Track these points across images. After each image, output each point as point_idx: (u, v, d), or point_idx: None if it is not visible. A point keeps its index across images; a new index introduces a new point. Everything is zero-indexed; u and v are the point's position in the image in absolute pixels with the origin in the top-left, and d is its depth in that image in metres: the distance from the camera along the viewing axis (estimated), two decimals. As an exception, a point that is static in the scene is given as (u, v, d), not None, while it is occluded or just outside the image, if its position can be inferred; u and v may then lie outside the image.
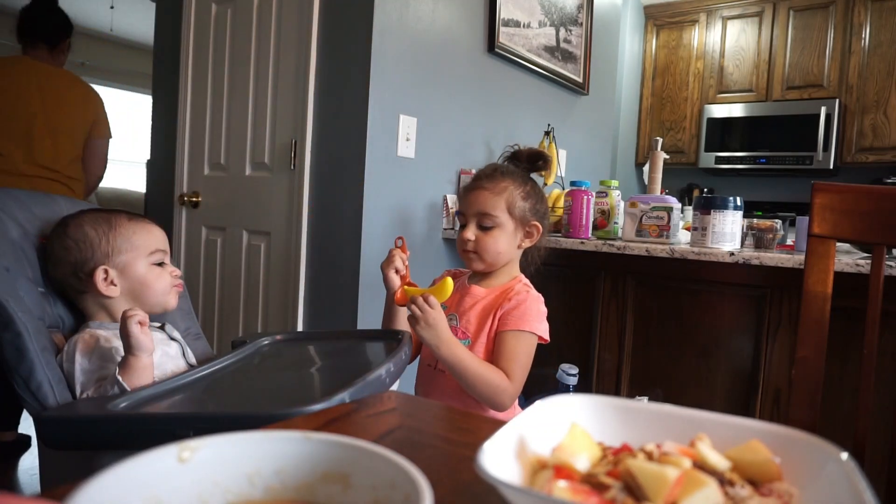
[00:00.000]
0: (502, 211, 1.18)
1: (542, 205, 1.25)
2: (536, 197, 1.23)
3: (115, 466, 0.29)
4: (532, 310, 1.15)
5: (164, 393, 0.80)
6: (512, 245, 1.21)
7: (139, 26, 5.37)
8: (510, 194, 1.18)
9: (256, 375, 0.93)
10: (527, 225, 1.21)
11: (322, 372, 0.98)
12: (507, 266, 1.23)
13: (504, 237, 1.19)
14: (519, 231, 1.21)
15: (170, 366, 0.96)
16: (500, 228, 1.18)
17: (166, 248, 1.03)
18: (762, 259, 1.51)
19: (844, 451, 0.37)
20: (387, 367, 0.85)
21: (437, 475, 0.41)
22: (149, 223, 1.01)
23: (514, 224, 1.20)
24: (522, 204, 1.19)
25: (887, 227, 0.84)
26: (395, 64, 1.93)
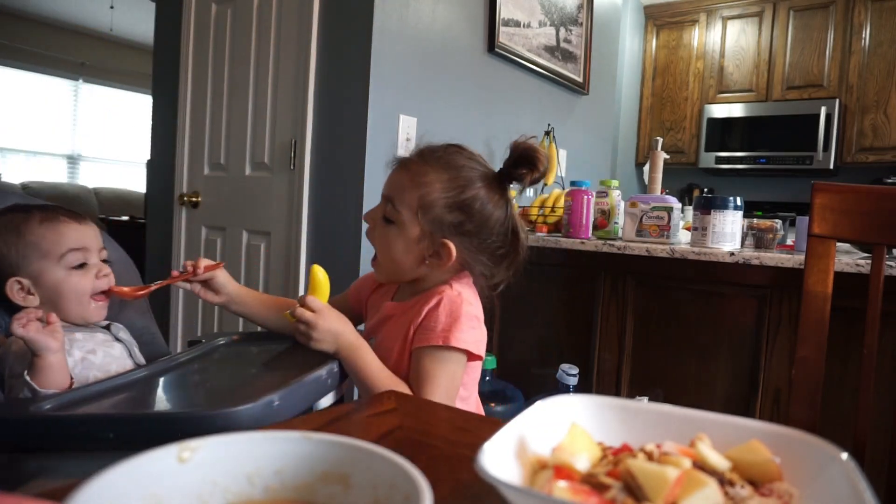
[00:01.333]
0: (409, 210, 0.90)
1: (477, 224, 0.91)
2: (471, 212, 0.90)
3: (115, 466, 0.29)
4: (449, 318, 0.89)
5: (96, 394, 0.76)
6: (410, 256, 0.92)
7: (139, 26, 5.37)
8: (430, 192, 0.89)
9: (199, 375, 0.90)
10: (436, 241, 0.90)
11: (269, 372, 0.93)
12: (420, 282, 0.96)
13: (400, 242, 0.92)
14: (424, 244, 0.91)
15: (114, 367, 0.92)
16: (399, 229, 0.91)
17: (87, 245, 0.93)
18: (762, 259, 1.51)
19: (844, 451, 0.37)
20: (329, 368, 0.84)
21: (437, 475, 0.41)
22: (62, 222, 0.92)
23: (419, 232, 0.90)
24: (441, 213, 0.89)
25: (887, 227, 0.84)
26: (395, 64, 1.93)
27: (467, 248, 0.92)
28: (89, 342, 0.92)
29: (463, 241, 0.91)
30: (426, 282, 0.95)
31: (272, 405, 0.69)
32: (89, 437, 0.65)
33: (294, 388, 0.74)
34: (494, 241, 0.93)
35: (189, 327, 2.35)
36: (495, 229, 0.93)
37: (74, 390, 0.77)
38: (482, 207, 0.91)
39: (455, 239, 0.90)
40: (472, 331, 0.90)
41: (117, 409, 0.74)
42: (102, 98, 5.77)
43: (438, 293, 0.91)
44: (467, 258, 0.92)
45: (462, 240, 0.91)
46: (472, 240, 0.91)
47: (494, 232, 0.93)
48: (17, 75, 5.22)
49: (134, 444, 0.64)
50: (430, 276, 0.95)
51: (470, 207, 0.90)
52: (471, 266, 0.94)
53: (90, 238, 0.95)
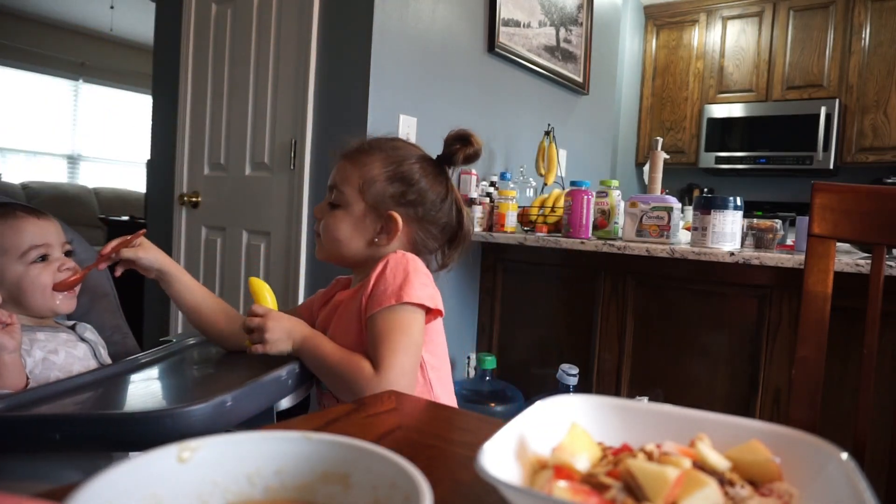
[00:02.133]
0: (352, 188, 0.93)
1: (418, 193, 0.93)
2: (411, 182, 0.93)
3: (115, 466, 0.29)
4: (396, 278, 0.87)
5: (50, 395, 0.75)
6: (358, 235, 0.93)
7: (139, 26, 5.37)
8: (370, 170, 0.93)
9: (159, 376, 0.89)
10: (382, 214, 0.93)
11: (230, 373, 0.92)
12: (370, 264, 0.93)
13: (346, 222, 0.93)
14: (370, 219, 0.93)
15: (77, 367, 0.91)
16: (345, 210, 0.93)
17: (49, 240, 0.92)
18: (762, 259, 1.51)
19: (844, 451, 0.37)
20: (290, 368, 0.83)
21: (437, 475, 0.41)
22: (20, 218, 0.91)
23: (363, 208, 0.93)
24: (383, 187, 0.92)
25: (887, 227, 0.84)
26: (395, 64, 1.93)
27: (412, 219, 0.94)
28: (51, 342, 0.91)
29: (408, 211, 0.93)
30: (374, 264, 0.92)
31: (224, 405, 0.68)
32: (35, 438, 0.64)
33: (249, 389, 0.73)
34: (437, 214, 0.96)
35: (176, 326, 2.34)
36: (437, 203, 0.95)
37: (27, 391, 0.75)
38: (420, 178, 0.94)
39: (399, 210, 0.93)
40: (425, 287, 0.88)
41: (68, 410, 0.72)
42: (102, 98, 5.77)
43: (384, 260, 0.90)
44: (415, 230, 0.95)
45: (406, 210, 0.93)
46: (417, 210, 0.94)
47: (437, 205, 0.96)
48: (17, 75, 5.22)
49: (81, 445, 0.64)
50: (375, 258, 0.92)
51: (409, 178, 0.94)
52: (421, 240, 0.96)
53: (51, 233, 0.94)
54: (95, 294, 1.12)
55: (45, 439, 0.63)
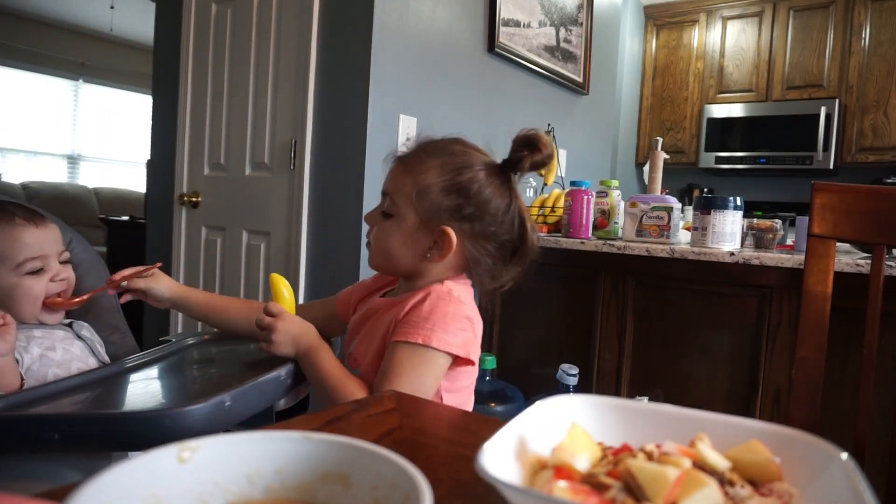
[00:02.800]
0: (405, 198, 0.86)
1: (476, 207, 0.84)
2: (468, 194, 0.84)
3: (115, 466, 0.29)
4: (433, 316, 0.82)
5: (49, 395, 0.75)
6: (409, 249, 0.87)
7: (139, 26, 5.37)
8: (425, 178, 0.85)
9: (158, 376, 0.89)
10: (435, 229, 0.85)
11: (229, 372, 0.92)
12: (418, 278, 0.90)
13: (398, 234, 0.87)
14: (422, 233, 0.86)
15: (75, 364, 0.91)
16: (397, 221, 0.87)
17: (46, 251, 0.92)
18: (762, 259, 1.51)
19: (844, 451, 0.37)
20: (288, 368, 0.84)
21: (437, 475, 0.41)
22: (18, 226, 0.90)
23: (415, 221, 0.85)
24: (438, 198, 0.84)
25: (887, 227, 0.83)
26: (395, 64, 1.93)
27: (468, 235, 0.85)
28: (48, 339, 0.91)
29: (463, 226, 0.85)
30: (422, 278, 0.89)
31: (223, 405, 0.68)
32: (34, 438, 0.64)
33: (248, 389, 0.73)
34: (498, 230, 0.86)
35: (176, 326, 2.35)
36: (498, 216, 0.86)
37: (26, 391, 0.75)
38: (480, 190, 0.85)
39: (454, 224, 0.84)
40: (462, 332, 0.83)
41: (67, 410, 0.72)
42: (102, 98, 5.77)
43: (427, 289, 0.86)
44: (470, 247, 0.86)
45: (462, 225, 0.85)
46: (473, 225, 0.85)
47: (497, 219, 0.86)
48: (17, 75, 5.22)
49: (80, 445, 0.64)
50: (428, 273, 0.88)
51: (467, 189, 0.84)
52: (475, 258, 0.87)
53: (49, 243, 0.93)
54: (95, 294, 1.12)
55: (44, 439, 0.63)
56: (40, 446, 0.63)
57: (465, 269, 0.90)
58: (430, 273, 0.88)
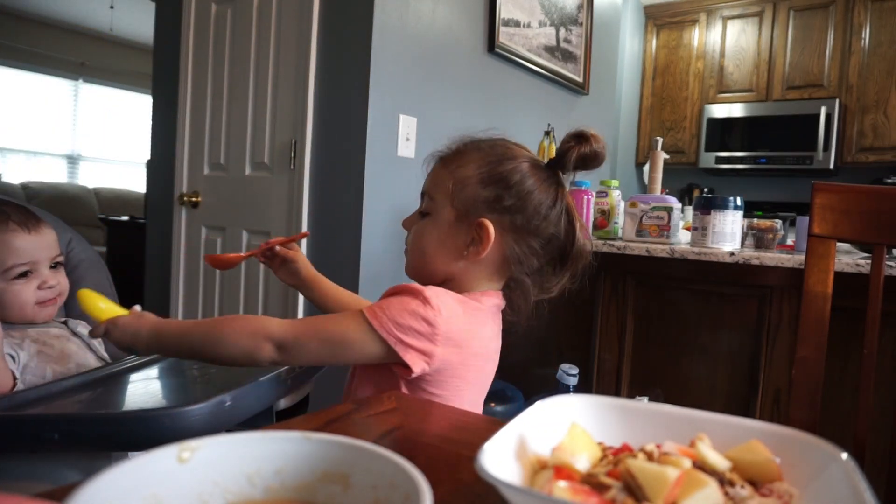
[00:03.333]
0: (443, 194, 0.79)
1: (517, 198, 0.77)
2: (508, 184, 0.77)
3: (115, 466, 0.29)
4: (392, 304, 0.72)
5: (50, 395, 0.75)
6: (445, 247, 0.79)
7: (139, 26, 5.37)
8: (464, 171, 0.78)
9: (160, 375, 0.90)
10: (473, 222, 0.77)
11: (231, 371, 0.91)
12: (447, 286, 0.79)
13: (433, 231, 0.80)
14: (461, 229, 0.78)
15: (73, 360, 0.92)
16: (433, 218, 0.80)
17: (36, 257, 0.92)
18: (762, 259, 1.51)
19: (844, 451, 0.37)
20: (289, 368, 0.83)
21: (437, 475, 0.41)
22: (10, 232, 0.91)
23: (452, 215, 0.78)
24: (476, 190, 0.77)
25: (887, 227, 0.83)
26: (395, 64, 1.93)
27: (508, 228, 0.77)
28: (43, 336, 0.92)
29: (502, 219, 0.77)
30: (451, 285, 0.80)
31: (223, 405, 0.68)
32: (34, 437, 0.64)
33: (248, 389, 0.73)
34: (542, 225, 0.78)
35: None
36: (542, 211, 0.78)
37: (26, 391, 0.75)
38: (522, 180, 0.77)
39: (492, 217, 0.76)
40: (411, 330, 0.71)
41: (67, 410, 0.73)
42: (102, 98, 5.77)
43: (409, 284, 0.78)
44: (511, 243, 0.78)
45: (501, 218, 0.77)
46: (514, 218, 0.77)
47: (541, 214, 0.78)
48: (17, 75, 5.22)
49: (80, 445, 0.64)
50: (464, 278, 0.80)
51: (507, 180, 0.77)
52: (516, 257, 0.78)
53: (40, 249, 0.93)
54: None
55: (44, 439, 0.63)
56: (40, 446, 0.64)
57: (507, 274, 0.81)
58: (466, 278, 0.80)
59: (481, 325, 0.79)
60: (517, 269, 0.80)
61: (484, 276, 0.80)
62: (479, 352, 0.79)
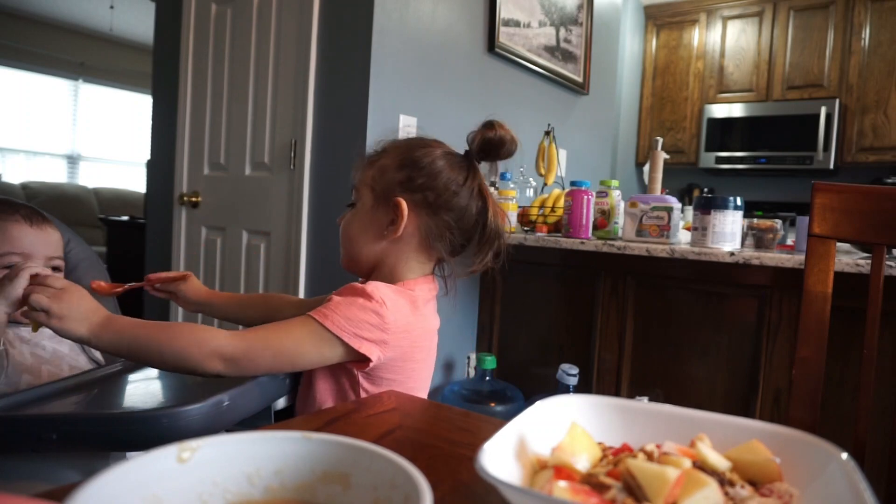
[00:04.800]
0: (366, 185, 0.86)
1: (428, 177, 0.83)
2: (420, 165, 0.83)
3: (115, 466, 0.29)
4: (341, 304, 0.76)
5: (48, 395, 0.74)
6: (368, 231, 0.85)
7: (139, 26, 5.37)
8: (384, 163, 0.86)
9: (159, 375, 0.89)
10: (390, 203, 0.83)
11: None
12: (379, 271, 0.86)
13: (358, 218, 0.86)
14: (380, 211, 0.84)
15: (66, 361, 0.91)
16: (359, 206, 0.87)
17: (31, 251, 0.91)
18: (762, 259, 1.51)
19: (844, 451, 0.37)
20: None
21: (437, 475, 0.41)
22: (11, 222, 0.90)
23: (372, 198, 0.85)
24: (392, 175, 0.84)
25: (887, 227, 0.83)
26: (395, 64, 1.93)
27: (422, 204, 0.83)
28: (36, 337, 0.91)
29: (415, 197, 0.82)
30: (383, 270, 0.86)
31: (222, 405, 0.68)
32: (33, 438, 0.64)
33: (246, 388, 0.73)
34: (453, 200, 0.83)
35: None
36: (451, 187, 0.83)
37: (25, 391, 0.75)
38: (433, 162, 0.83)
39: (406, 196, 0.82)
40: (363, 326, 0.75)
41: (65, 409, 0.72)
42: (102, 98, 5.77)
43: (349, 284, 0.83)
44: (427, 219, 0.83)
45: (414, 196, 0.82)
46: (427, 194, 0.82)
47: (451, 190, 0.83)
48: (17, 75, 5.22)
49: (78, 445, 0.64)
50: (389, 258, 0.85)
51: (418, 162, 0.83)
52: (434, 230, 0.84)
53: (38, 244, 0.92)
54: (94, 294, 1.12)
55: (42, 439, 0.63)
56: (39, 446, 0.64)
57: (431, 253, 0.86)
58: (394, 260, 0.85)
59: (419, 311, 0.84)
60: (438, 246, 0.85)
61: (411, 256, 0.85)
62: (422, 333, 0.84)
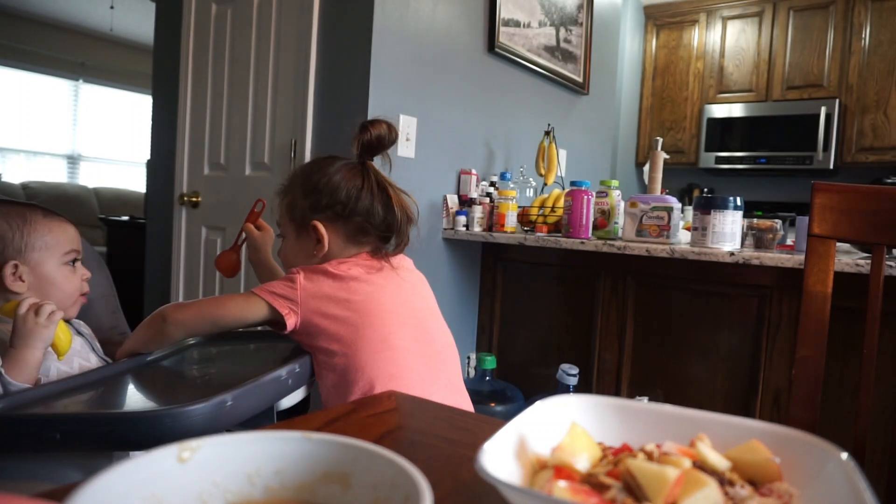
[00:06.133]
0: (284, 218, 1.03)
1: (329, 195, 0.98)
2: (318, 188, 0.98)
3: (115, 466, 0.29)
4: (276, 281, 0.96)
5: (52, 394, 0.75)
6: (300, 256, 1.01)
7: (139, 26, 5.37)
8: (292, 195, 1.01)
9: (161, 375, 0.90)
10: (308, 228, 0.99)
11: (231, 371, 0.93)
12: None
13: (288, 248, 1.03)
14: (304, 238, 1.00)
15: (76, 361, 0.92)
16: (286, 239, 1.04)
17: (80, 248, 0.97)
18: (762, 259, 1.51)
19: (844, 451, 0.37)
20: (290, 368, 0.84)
21: (437, 475, 0.41)
22: (65, 222, 0.96)
23: (293, 230, 1.02)
24: (301, 203, 0.99)
25: (887, 227, 0.83)
26: (395, 64, 1.93)
27: (333, 220, 0.98)
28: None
29: (326, 215, 0.98)
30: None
31: (224, 405, 0.68)
32: (36, 437, 0.64)
33: (249, 388, 0.73)
34: (359, 205, 0.98)
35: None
36: (352, 194, 0.97)
37: (28, 391, 0.75)
38: (329, 181, 0.98)
39: (318, 217, 0.98)
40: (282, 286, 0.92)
41: (69, 409, 0.73)
42: (102, 98, 5.77)
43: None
44: (342, 228, 0.98)
45: (326, 214, 0.98)
46: (335, 208, 0.97)
47: (353, 196, 0.97)
48: (17, 75, 5.22)
49: (82, 444, 0.64)
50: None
51: (317, 184, 0.98)
52: (352, 236, 0.99)
53: (80, 242, 0.98)
54: (95, 293, 1.12)
55: (45, 439, 0.63)
56: (42, 446, 0.64)
57: (356, 245, 1.00)
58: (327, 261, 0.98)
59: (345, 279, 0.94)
60: (363, 240, 1.00)
61: (343, 255, 0.99)
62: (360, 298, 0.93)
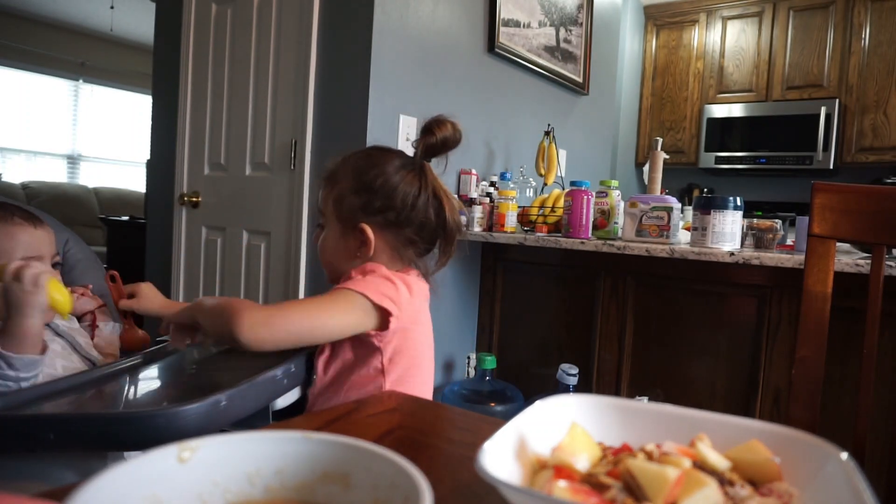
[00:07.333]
0: (329, 209, 0.95)
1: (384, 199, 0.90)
2: (373, 188, 0.91)
3: (115, 466, 0.29)
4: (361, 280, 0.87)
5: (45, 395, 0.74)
6: (341, 255, 0.94)
7: (139, 26, 5.37)
8: (341, 187, 0.94)
9: (157, 375, 0.89)
10: (356, 227, 0.92)
11: (226, 372, 0.91)
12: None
13: (330, 243, 0.95)
14: (349, 237, 0.93)
15: (59, 361, 0.91)
16: (328, 231, 0.96)
17: (41, 252, 0.92)
18: (762, 259, 1.51)
19: (844, 451, 0.37)
20: (285, 368, 0.82)
21: (437, 475, 0.41)
22: (16, 224, 0.91)
23: (340, 227, 0.94)
24: (351, 200, 0.92)
25: (887, 227, 0.83)
26: (395, 64, 1.93)
27: (384, 224, 0.91)
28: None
29: (376, 219, 0.91)
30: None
31: (219, 405, 0.67)
32: (30, 437, 0.63)
33: (244, 388, 0.72)
34: (412, 215, 0.91)
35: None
36: (408, 201, 0.91)
37: (22, 391, 0.75)
38: (385, 182, 0.90)
39: (369, 220, 0.91)
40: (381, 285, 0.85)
41: (63, 409, 0.72)
42: (102, 98, 5.77)
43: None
44: (392, 236, 0.92)
45: (376, 219, 0.91)
46: (387, 214, 0.90)
47: (409, 204, 0.91)
48: (17, 75, 5.22)
49: (76, 445, 0.64)
50: (368, 267, 0.92)
51: (372, 184, 0.91)
52: (400, 245, 0.92)
53: (44, 244, 0.94)
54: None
55: (39, 439, 0.63)
56: (36, 446, 0.63)
57: (399, 258, 0.94)
58: (370, 266, 0.92)
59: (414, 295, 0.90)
60: (407, 254, 0.93)
61: (387, 264, 0.92)
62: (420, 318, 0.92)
